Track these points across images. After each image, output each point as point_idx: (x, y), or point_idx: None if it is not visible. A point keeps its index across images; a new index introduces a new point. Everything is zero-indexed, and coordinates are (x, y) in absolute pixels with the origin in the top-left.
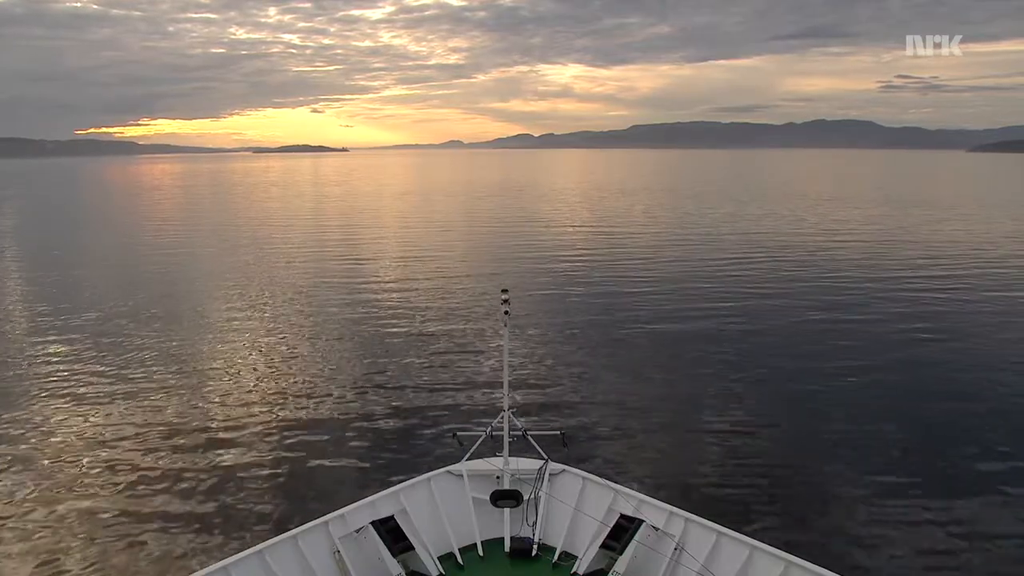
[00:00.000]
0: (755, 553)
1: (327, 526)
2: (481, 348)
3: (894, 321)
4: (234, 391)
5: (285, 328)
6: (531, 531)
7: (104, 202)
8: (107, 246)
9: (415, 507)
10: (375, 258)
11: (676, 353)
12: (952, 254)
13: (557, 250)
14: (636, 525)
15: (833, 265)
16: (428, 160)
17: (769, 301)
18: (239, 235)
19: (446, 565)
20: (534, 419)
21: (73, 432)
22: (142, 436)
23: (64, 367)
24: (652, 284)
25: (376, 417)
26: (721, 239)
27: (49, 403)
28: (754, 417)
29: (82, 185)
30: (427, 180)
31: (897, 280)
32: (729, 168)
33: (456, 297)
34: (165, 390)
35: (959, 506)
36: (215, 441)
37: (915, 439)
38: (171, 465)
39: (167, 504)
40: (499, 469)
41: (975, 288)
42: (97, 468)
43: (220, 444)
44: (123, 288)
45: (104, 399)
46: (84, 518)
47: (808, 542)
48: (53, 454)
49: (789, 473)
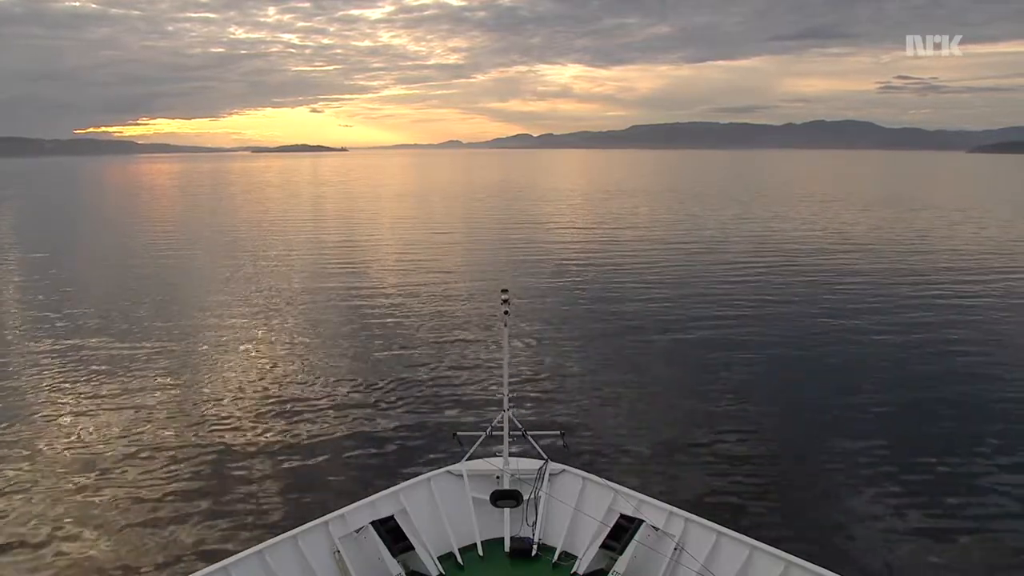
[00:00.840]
0: (755, 553)
1: (327, 526)
2: (481, 348)
3: (895, 322)
4: (233, 391)
5: (285, 328)
6: (531, 531)
7: (101, 201)
8: (104, 246)
9: (415, 507)
10: (374, 258)
11: (676, 353)
12: (961, 257)
13: (557, 250)
14: (636, 525)
15: (834, 267)
16: (426, 160)
17: (769, 302)
18: (238, 235)
19: (446, 565)
20: (534, 419)
21: (71, 432)
22: (141, 436)
23: (63, 366)
24: (652, 285)
25: (376, 417)
26: (722, 240)
27: (48, 403)
28: (754, 417)
29: (80, 185)
30: (425, 181)
31: (898, 282)
32: (729, 168)
33: (456, 297)
34: (164, 390)
35: (960, 506)
36: (214, 441)
37: (916, 440)
38: (171, 465)
39: (167, 504)
40: (499, 469)
41: (982, 292)
42: (96, 468)
43: (219, 444)
44: (120, 289)
45: (103, 399)
46: (83, 518)
47: (808, 542)
48: (51, 454)
49: (789, 473)
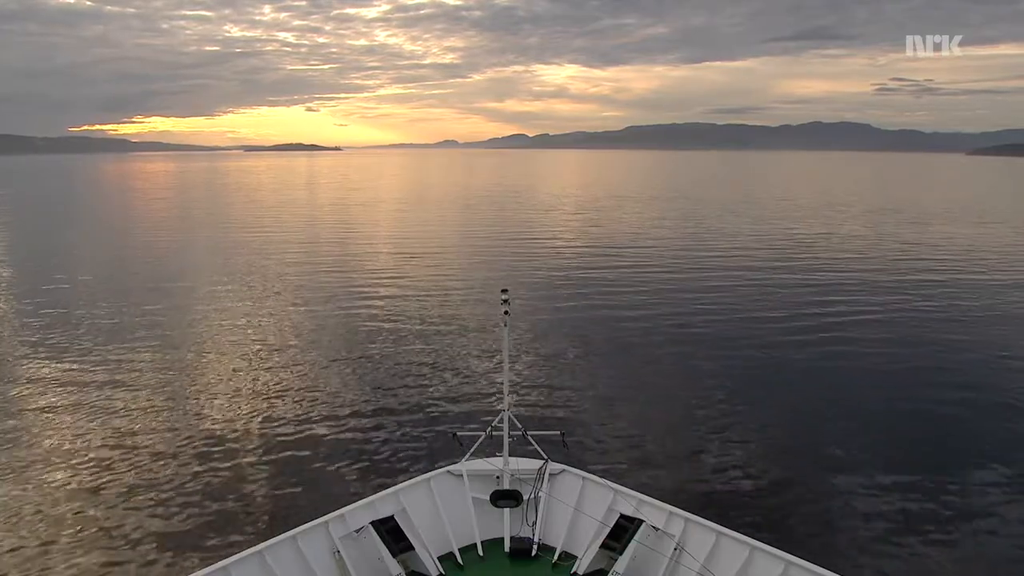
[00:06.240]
0: (755, 553)
1: (327, 526)
2: (481, 348)
3: (896, 323)
4: (233, 391)
5: (284, 329)
6: (531, 531)
7: (93, 201)
8: (95, 246)
9: (415, 507)
10: (374, 259)
11: (676, 354)
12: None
13: (557, 251)
14: (636, 525)
15: (834, 269)
16: (422, 160)
17: (770, 303)
18: (236, 236)
19: (446, 565)
20: (534, 419)
21: (70, 432)
22: (141, 436)
23: (62, 366)
24: (653, 286)
25: (376, 417)
26: (722, 241)
27: (48, 403)
28: (754, 418)
29: (71, 183)
30: (423, 181)
31: (899, 283)
32: (729, 169)
33: (456, 298)
34: (163, 389)
35: (960, 506)
36: (214, 441)
37: (917, 440)
38: (170, 465)
39: (167, 504)
40: (499, 469)
41: (982, 293)
42: (95, 468)
43: (219, 444)
44: (121, 290)
45: (102, 398)
46: (81, 519)
47: (808, 542)
48: (49, 455)
49: (789, 473)
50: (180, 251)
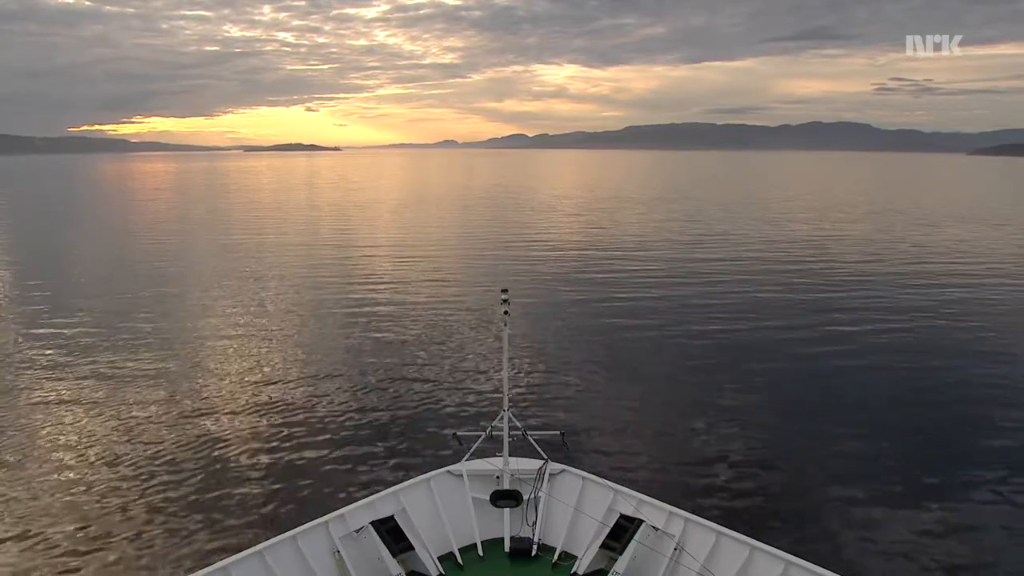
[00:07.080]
0: (755, 553)
1: (327, 526)
2: (481, 348)
3: (896, 324)
4: (233, 391)
5: (284, 329)
6: (531, 531)
7: (92, 201)
8: (93, 247)
9: (415, 507)
10: (373, 259)
11: (677, 354)
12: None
13: (557, 252)
14: (636, 525)
15: (835, 270)
16: (422, 160)
17: (770, 304)
18: (235, 236)
19: (446, 565)
20: (534, 419)
21: (69, 431)
22: (140, 436)
23: (60, 366)
24: (654, 286)
25: (376, 417)
26: (723, 242)
27: (45, 403)
28: (755, 418)
29: (71, 184)
30: (423, 181)
31: (899, 284)
32: (729, 169)
33: (456, 298)
34: (162, 389)
35: (959, 505)
36: (214, 441)
37: (917, 440)
38: (170, 465)
39: (167, 504)
40: (499, 469)
41: (983, 294)
42: (94, 468)
43: (220, 444)
44: (120, 289)
45: (102, 398)
46: (82, 519)
47: (808, 541)
48: (48, 455)
49: (790, 473)
50: (180, 251)
